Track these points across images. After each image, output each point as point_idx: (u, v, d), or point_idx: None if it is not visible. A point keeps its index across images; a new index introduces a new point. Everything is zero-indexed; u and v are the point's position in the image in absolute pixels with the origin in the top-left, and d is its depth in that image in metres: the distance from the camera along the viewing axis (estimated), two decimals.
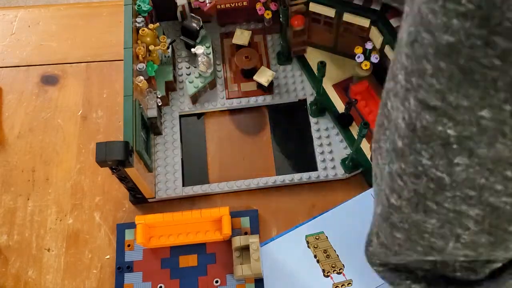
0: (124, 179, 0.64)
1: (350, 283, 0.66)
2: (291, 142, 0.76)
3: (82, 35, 0.87)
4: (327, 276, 0.67)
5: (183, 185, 0.72)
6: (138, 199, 0.71)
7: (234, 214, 0.70)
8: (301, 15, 0.74)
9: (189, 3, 0.80)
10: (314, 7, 0.72)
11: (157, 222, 0.67)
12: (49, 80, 0.83)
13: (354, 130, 0.74)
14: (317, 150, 0.74)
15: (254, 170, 0.74)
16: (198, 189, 0.72)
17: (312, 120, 0.76)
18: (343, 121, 0.74)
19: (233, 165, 0.75)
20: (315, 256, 0.68)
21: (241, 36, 0.81)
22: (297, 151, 0.75)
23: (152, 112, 0.72)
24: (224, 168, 0.75)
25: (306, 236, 0.69)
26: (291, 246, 0.68)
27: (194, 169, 0.75)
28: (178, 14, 0.82)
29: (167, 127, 0.77)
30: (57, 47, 0.86)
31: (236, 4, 0.82)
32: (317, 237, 0.69)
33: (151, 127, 0.74)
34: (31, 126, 0.79)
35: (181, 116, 0.78)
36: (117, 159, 0.58)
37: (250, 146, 0.76)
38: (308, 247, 0.68)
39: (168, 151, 0.75)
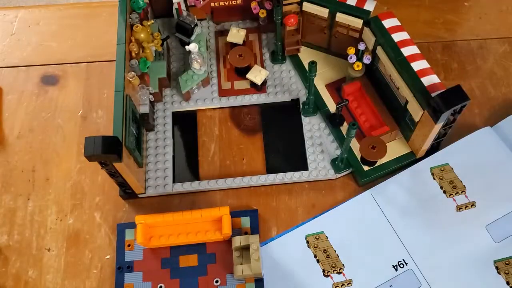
0: (114, 174, 0.65)
1: (350, 283, 0.66)
2: (282, 141, 0.76)
3: (82, 35, 0.87)
4: (327, 276, 0.67)
5: (174, 182, 0.73)
6: (129, 194, 0.71)
7: (234, 214, 0.70)
8: (294, 15, 0.74)
9: (185, 0, 0.80)
10: (307, 7, 0.73)
11: (157, 222, 0.67)
12: (49, 80, 0.83)
13: (345, 130, 0.74)
14: (308, 149, 0.74)
15: (245, 168, 0.74)
16: (188, 186, 0.72)
17: (305, 119, 0.77)
18: (334, 121, 0.75)
19: (224, 163, 0.75)
20: (315, 256, 0.68)
21: (236, 35, 0.81)
22: (288, 150, 0.75)
23: (144, 108, 0.72)
24: (215, 166, 0.75)
25: (306, 236, 0.69)
26: (291, 246, 0.68)
27: (185, 166, 0.75)
28: (174, 11, 0.82)
29: (159, 123, 0.77)
30: (57, 47, 0.86)
31: (231, 2, 0.82)
32: (317, 237, 0.69)
33: (143, 123, 0.74)
34: (31, 126, 0.79)
35: (173, 113, 0.78)
36: (105, 154, 0.58)
37: (242, 144, 0.76)
38: (308, 247, 0.68)
39: (160, 148, 0.75)
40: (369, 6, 0.69)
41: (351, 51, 0.72)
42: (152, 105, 0.76)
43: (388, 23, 0.68)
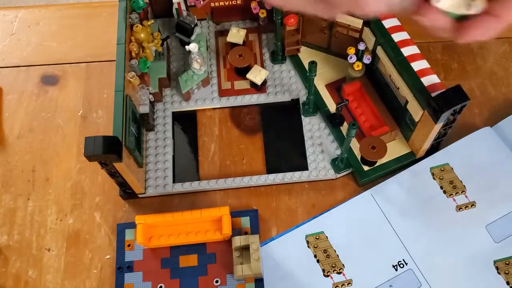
0: (114, 174, 0.65)
1: (350, 283, 0.66)
2: (282, 141, 0.76)
3: (82, 35, 0.87)
4: (327, 276, 0.67)
5: (174, 182, 0.73)
6: (129, 194, 0.71)
7: (234, 214, 0.70)
8: (294, 15, 0.74)
9: (185, 0, 0.80)
10: None
11: (157, 222, 0.67)
12: (49, 80, 0.83)
13: (345, 130, 0.74)
14: (308, 149, 0.74)
15: (245, 168, 0.74)
16: (188, 186, 0.72)
17: (305, 119, 0.77)
18: (334, 121, 0.75)
19: (224, 163, 0.75)
20: (315, 256, 0.68)
21: (236, 35, 0.81)
22: (288, 150, 0.75)
23: (144, 108, 0.72)
24: (215, 166, 0.75)
25: (306, 236, 0.69)
26: (291, 246, 0.68)
27: (185, 166, 0.75)
28: (174, 11, 0.82)
29: (159, 123, 0.77)
30: (57, 47, 0.86)
31: (231, 2, 0.82)
32: (317, 237, 0.69)
33: (143, 123, 0.74)
34: (31, 126, 0.79)
35: (173, 113, 0.78)
36: (105, 154, 0.58)
37: (242, 144, 0.76)
38: (308, 247, 0.68)
39: (160, 148, 0.75)
40: None
41: (351, 51, 0.72)
42: (152, 105, 0.76)
43: (388, 23, 0.68)
